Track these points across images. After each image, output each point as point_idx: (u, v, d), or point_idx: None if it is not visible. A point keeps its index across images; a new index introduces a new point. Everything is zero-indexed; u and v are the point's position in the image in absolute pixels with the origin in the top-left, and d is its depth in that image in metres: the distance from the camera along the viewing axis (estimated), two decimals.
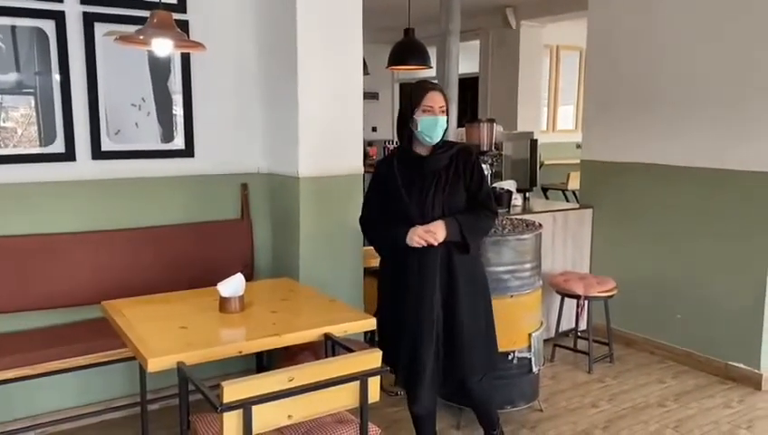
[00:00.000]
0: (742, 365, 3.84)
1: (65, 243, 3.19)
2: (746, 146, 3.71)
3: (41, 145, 3.18)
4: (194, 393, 2.17)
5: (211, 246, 3.52)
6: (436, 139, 2.63)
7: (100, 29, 3.21)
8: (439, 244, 2.57)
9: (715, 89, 3.86)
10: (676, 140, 4.10)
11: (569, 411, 3.50)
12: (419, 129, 2.61)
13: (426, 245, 2.56)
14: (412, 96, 2.65)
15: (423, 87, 2.67)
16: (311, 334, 2.45)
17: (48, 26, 3.11)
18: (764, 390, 3.71)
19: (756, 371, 3.77)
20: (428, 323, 2.62)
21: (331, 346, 2.48)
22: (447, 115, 2.66)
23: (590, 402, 3.61)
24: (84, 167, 3.26)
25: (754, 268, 3.73)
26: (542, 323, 3.43)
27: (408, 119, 2.63)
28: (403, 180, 2.64)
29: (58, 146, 3.21)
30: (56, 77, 3.16)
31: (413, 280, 2.63)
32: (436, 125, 2.60)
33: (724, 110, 3.81)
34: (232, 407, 1.87)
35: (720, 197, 3.88)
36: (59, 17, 3.12)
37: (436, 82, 3.16)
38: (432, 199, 2.60)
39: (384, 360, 2.18)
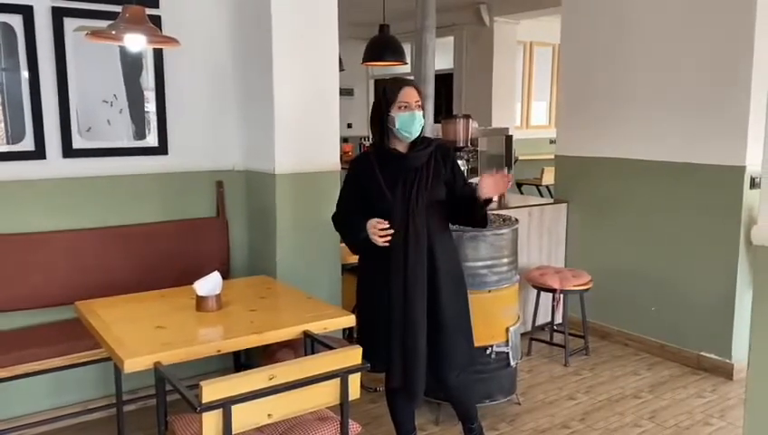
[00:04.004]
0: (714, 356, 3.91)
1: (37, 243, 3.13)
2: (715, 141, 3.77)
3: (8, 143, 3.11)
4: (171, 393, 2.15)
5: (186, 244, 3.47)
6: (415, 134, 2.63)
7: (69, 24, 3.14)
8: (420, 229, 2.57)
9: (683, 86, 3.92)
10: (648, 136, 4.16)
11: (546, 404, 3.53)
12: (397, 126, 2.60)
13: (387, 243, 2.54)
14: (387, 93, 2.63)
15: (397, 83, 2.67)
16: (290, 332, 2.43)
17: (15, 21, 3.04)
18: (736, 380, 3.78)
19: (728, 361, 3.85)
20: (421, 321, 2.61)
21: (310, 344, 2.47)
22: (423, 110, 2.67)
23: (567, 395, 3.65)
24: (55, 165, 3.20)
25: (725, 261, 3.80)
26: (519, 318, 3.46)
27: (384, 116, 2.63)
28: (385, 178, 2.63)
29: (27, 144, 3.14)
30: (24, 74, 3.09)
31: (399, 278, 2.61)
32: (413, 121, 2.60)
33: (694, 106, 3.87)
34: (211, 407, 1.86)
35: (691, 191, 3.95)
36: (27, 12, 3.05)
37: (410, 78, 3.17)
38: (416, 196, 2.59)
39: (367, 360, 2.18)
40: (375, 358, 2.47)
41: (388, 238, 2.55)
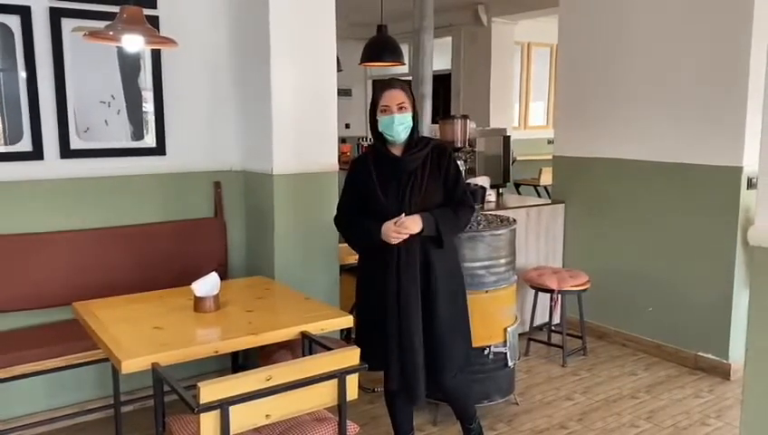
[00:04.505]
0: (711, 356, 3.92)
1: (35, 243, 3.13)
2: (713, 141, 3.78)
3: (6, 144, 3.10)
4: (169, 394, 2.15)
5: (184, 244, 3.47)
6: (399, 136, 2.62)
7: (67, 24, 3.14)
8: (414, 236, 2.56)
9: (681, 87, 3.93)
10: (645, 136, 4.16)
11: (544, 405, 3.54)
12: (380, 128, 2.63)
13: (402, 240, 2.56)
14: (373, 97, 2.68)
15: (380, 87, 2.69)
16: (288, 333, 2.43)
17: (13, 22, 3.03)
18: (733, 380, 3.78)
19: (725, 361, 3.86)
20: (415, 321, 2.61)
21: (308, 344, 2.47)
22: (414, 110, 2.64)
23: (565, 395, 3.66)
24: (53, 166, 3.19)
25: (722, 261, 3.80)
26: (516, 318, 3.46)
27: (374, 119, 2.66)
28: (380, 181, 2.63)
29: (25, 144, 3.13)
30: (22, 74, 3.08)
31: (392, 278, 2.61)
32: (392, 123, 2.59)
33: (691, 107, 3.88)
34: (209, 407, 1.86)
35: (688, 191, 3.95)
36: (24, 13, 3.05)
37: (398, 78, 3.16)
38: (409, 200, 2.59)
39: (365, 359, 2.18)
40: (373, 359, 2.48)
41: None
